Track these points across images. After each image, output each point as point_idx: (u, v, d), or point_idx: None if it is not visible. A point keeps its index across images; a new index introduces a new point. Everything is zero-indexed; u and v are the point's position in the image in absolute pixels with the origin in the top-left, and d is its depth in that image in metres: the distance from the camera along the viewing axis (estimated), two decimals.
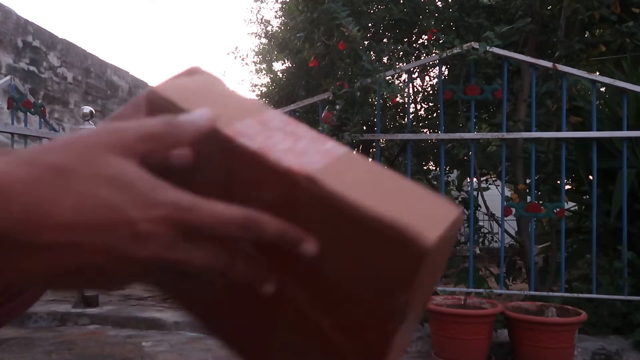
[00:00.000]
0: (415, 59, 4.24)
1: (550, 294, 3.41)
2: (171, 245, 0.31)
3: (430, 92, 5.00)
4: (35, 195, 0.28)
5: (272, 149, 0.34)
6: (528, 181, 3.67)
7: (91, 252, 0.30)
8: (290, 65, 5.94)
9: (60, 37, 6.68)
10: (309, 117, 5.23)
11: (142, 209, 0.30)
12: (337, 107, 3.47)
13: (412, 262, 0.30)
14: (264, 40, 7.33)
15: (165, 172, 0.33)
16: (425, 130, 4.56)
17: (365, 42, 3.78)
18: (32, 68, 6.09)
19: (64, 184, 0.29)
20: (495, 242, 4.57)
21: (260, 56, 7.97)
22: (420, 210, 0.32)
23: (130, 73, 8.43)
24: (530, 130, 3.42)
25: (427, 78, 5.17)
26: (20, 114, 4.36)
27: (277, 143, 0.34)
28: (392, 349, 0.34)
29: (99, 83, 7.48)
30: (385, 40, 4.23)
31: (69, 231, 0.29)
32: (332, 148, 0.35)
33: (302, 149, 0.34)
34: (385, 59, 3.63)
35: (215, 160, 0.35)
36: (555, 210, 3.26)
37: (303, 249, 0.33)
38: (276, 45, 5.89)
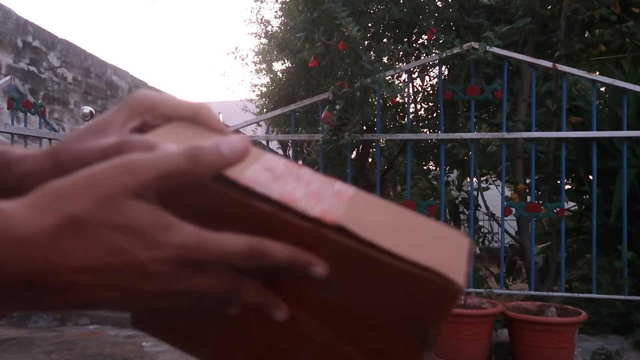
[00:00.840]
0: (415, 59, 4.23)
1: (550, 294, 3.41)
2: (178, 278, 0.34)
3: (430, 92, 5.00)
4: (54, 244, 0.32)
5: (293, 197, 0.35)
6: (528, 181, 3.66)
7: (103, 289, 0.34)
8: (290, 65, 5.94)
9: (60, 37, 6.68)
10: (309, 117, 5.23)
11: (150, 252, 0.33)
12: (337, 107, 3.47)
13: (446, 300, 0.32)
14: (264, 40, 7.32)
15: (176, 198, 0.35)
16: (425, 130, 4.56)
17: (365, 42, 3.78)
18: (32, 68, 6.09)
19: (79, 232, 0.32)
20: (495, 242, 4.57)
21: (260, 56, 7.96)
22: (441, 249, 0.34)
23: (130, 73, 8.43)
24: (530, 130, 3.42)
25: (427, 78, 5.17)
26: (20, 114, 4.36)
27: (294, 191, 0.35)
28: None
29: (99, 83, 7.48)
30: (385, 40, 4.22)
31: (82, 273, 0.33)
32: (342, 189, 0.37)
33: (317, 193, 0.35)
34: (385, 59, 3.63)
35: (228, 209, 0.36)
36: (555, 210, 3.26)
37: (313, 272, 0.34)
38: (276, 45, 5.89)
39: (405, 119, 3.99)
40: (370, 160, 4.98)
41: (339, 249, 0.33)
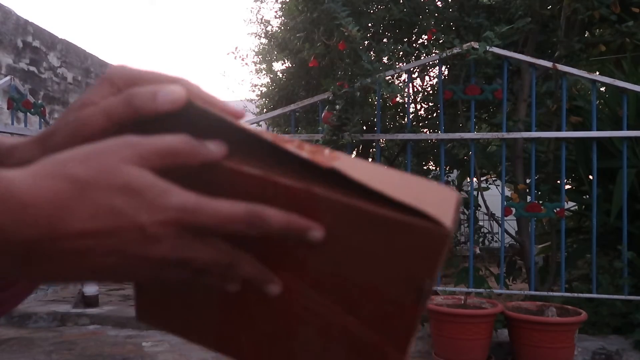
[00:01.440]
0: (415, 59, 4.23)
1: (550, 293, 3.41)
2: (179, 244, 0.34)
3: (430, 92, 5.00)
4: (57, 209, 0.32)
5: (283, 141, 0.35)
6: (528, 181, 3.66)
7: (105, 254, 0.33)
8: (290, 65, 5.93)
9: (60, 37, 6.68)
10: (309, 117, 5.23)
11: (150, 214, 0.33)
12: (337, 107, 3.47)
13: (437, 247, 0.31)
14: (264, 40, 7.32)
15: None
16: (425, 130, 4.56)
17: (365, 42, 3.78)
18: (32, 68, 6.09)
19: (81, 195, 0.33)
20: (495, 242, 4.57)
21: (260, 56, 7.96)
22: (429, 198, 0.33)
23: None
24: (530, 130, 3.42)
25: (427, 78, 5.17)
26: (20, 114, 4.36)
27: (285, 142, 0.36)
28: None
29: None
30: (385, 40, 4.23)
31: (84, 238, 0.33)
32: (333, 152, 0.36)
33: (309, 151, 0.35)
34: (385, 59, 3.63)
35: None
36: (555, 210, 3.26)
37: (310, 237, 0.34)
38: (276, 45, 5.88)
39: (405, 119, 4.00)
40: (370, 160, 4.98)
41: (331, 206, 0.33)
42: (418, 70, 4.68)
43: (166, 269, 0.35)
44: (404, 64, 3.92)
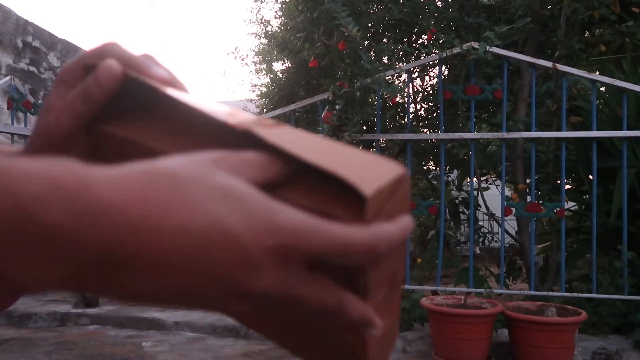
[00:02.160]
0: (415, 59, 4.23)
1: (551, 293, 3.41)
2: (283, 278, 0.28)
3: (430, 92, 5.00)
4: (145, 207, 0.26)
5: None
6: (528, 181, 3.66)
7: (193, 276, 0.27)
8: (290, 65, 5.94)
9: (60, 37, 6.68)
10: (309, 117, 5.23)
11: (255, 235, 0.27)
12: (337, 107, 3.47)
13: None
14: (264, 40, 7.32)
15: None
16: (425, 130, 4.56)
17: (365, 42, 3.78)
18: (32, 68, 6.09)
19: (175, 190, 0.27)
20: (495, 242, 4.57)
21: (260, 56, 7.96)
22: (359, 168, 0.30)
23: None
24: (530, 130, 3.42)
25: (427, 78, 5.18)
26: (20, 114, 4.36)
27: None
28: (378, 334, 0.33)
29: None
30: (385, 40, 4.23)
31: (176, 254, 0.27)
32: (276, 123, 0.35)
33: (250, 121, 0.34)
34: (385, 59, 3.63)
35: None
36: (555, 210, 3.26)
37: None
38: (276, 45, 5.88)
39: (405, 119, 4.00)
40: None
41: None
42: (418, 70, 4.68)
43: (260, 304, 0.29)
44: (404, 64, 3.92)
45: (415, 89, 5.01)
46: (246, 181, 0.29)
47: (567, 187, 4.13)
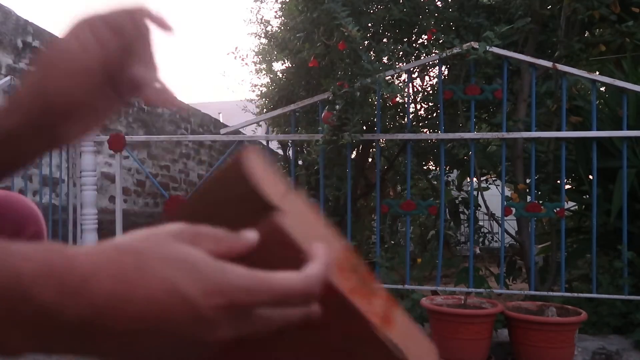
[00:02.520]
0: (415, 59, 4.23)
1: (551, 293, 3.41)
2: (235, 326, 0.33)
3: (430, 92, 5.00)
4: (116, 280, 0.31)
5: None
6: (528, 181, 3.66)
7: (158, 336, 0.32)
8: (290, 65, 5.93)
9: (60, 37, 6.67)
10: (308, 117, 5.22)
11: (207, 297, 0.32)
12: (337, 107, 3.47)
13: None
14: (264, 40, 7.31)
15: None
16: (425, 130, 4.56)
17: (365, 42, 3.77)
18: (32, 68, 6.09)
19: (138, 262, 0.32)
20: (495, 242, 4.57)
21: (260, 56, 7.95)
22: (416, 348, 0.46)
23: None
24: (530, 130, 3.42)
25: (427, 78, 5.17)
26: None
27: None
28: None
29: None
30: (385, 40, 4.22)
31: (139, 321, 0.31)
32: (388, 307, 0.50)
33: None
34: (385, 59, 3.63)
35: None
36: (555, 210, 3.26)
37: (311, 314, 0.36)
38: (276, 45, 5.87)
39: (405, 119, 3.99)
40: (370, 160, 4.98)
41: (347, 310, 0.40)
42: (418, 70, 4.68)
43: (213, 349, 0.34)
44: (404, 64, 3.92)
45: (415, 89, 5.01)
46: (200, 250, 0.34)
47: (567, 187, 4.13)
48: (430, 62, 3.86)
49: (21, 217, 0.83)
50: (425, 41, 4.03)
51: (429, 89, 5.12)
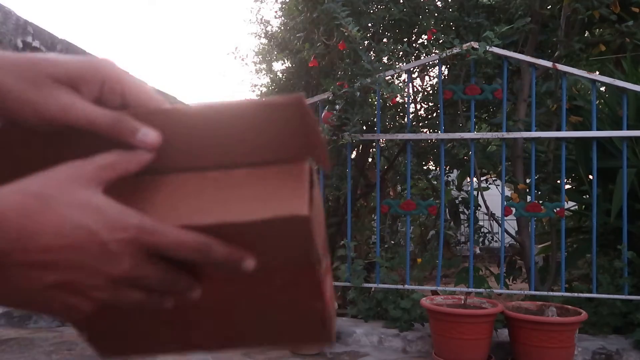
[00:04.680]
0: (415, 59, 4.23)
1: (551, 293, 3.41)
2: (135, 263, 0.36)
3: (430, 92, 5.00)
4: (25, 219, 0.34)
5: None
6: (528, 181, 3.66)
7: (68, 268, 0.35)
8: (290, 65, 5.93)
9: (60, 37, 6.68)
10: None
11: (111, 232, 0.35)
12: (337, 107, 3.47)
13: (303, 228, 0.38)
14: (263, 40, 7.31)
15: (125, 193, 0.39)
16: (425, 130, 4.56)
17: (365, 42, 3.77)
18: None
19: (46, 208, 0.35)
20: (495, 241, 4.57)
21: (260, 56, 7.96)
22: (276, 188, 0.39)
23: (130, 73, 8.42)
24: (530, 130, 3.42)
25: (427, 78, 5.17)
26: None
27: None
28: (326, 285, 0.44)
29: None
30: (385, 40, 4.22)
31: (49, 252, 0.34)
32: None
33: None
34: (385, 59, 3.63)
35: None
36: (555, 210, 3.26)
37: (244, 266, 0.38)
38: (276, 45, 5.88)
39: (405, 119, 4.00)
40: (370, 160, 4.98)
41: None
42: (418, 70, 4.68)
43: (120, 290, 0.37)
44: (404, 64, 3.92)
45: (415, 89, 5.01)
46: (101, 188, 0.37)
47: (567, 187, 4.13)
48: (430, 62, 3.86)
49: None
50: (425, 41, 4.03)
51: (429, 89, 5.12)
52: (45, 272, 0.35)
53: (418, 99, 4.97)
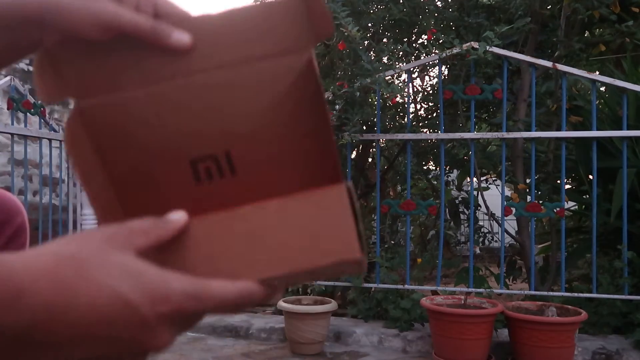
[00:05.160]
0: (415, 59, 4.23)
1: (551, 293, 3.41)
2: (175, 332, 0.34)
3: (430, 92, 5.00)
4: (55, 287, 0.30)
5: None
6: (528, 181, 3.66)
7: (101, 342, 0.32)
8: None
9: None
10: None
11: (152, 304, 0.32)
12: (337, 107, 3.47)
13: (357, 266, 0.40)
14: None
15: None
16: (425, 130, 4.56)
17: (365, 42, 3.77)
18: (32, 68, 6.07)
19: (79, 270, 0.31)
20: (495, 241, 4.57)
21: None
22: (326, 228, 0.40)
23: None
24: (530, 130, 3.42)
25: (427, 78, 5.17)
26: (20, 115, 4.35)
27: None
28: None
29: None
30: (385, 40, 4.22)
31: (80, 326, 0.31)
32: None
33: None
34: (385, 59, 3.63)
35: None
36: (555, 210, 3.26)
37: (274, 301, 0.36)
38: None
39: (405, 119, 4.00)
40: (370, 160, 4.98)
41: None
42: (418, 70, 4.68)
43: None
44: (404, 64, 3.92)
45: (415, 89, 5.01)
46: (136, 253, 0.34)
47: (567, 187, 4.13)
48: (430, 62, 3.86)
49: (8, 210, 0.84)
50: (425, 41, 4.03)
51: (429, 89, 5.12)
52: (80, 345, 0.31)
53: (418, 99, 4.97)
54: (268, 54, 0.44)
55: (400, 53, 4.23)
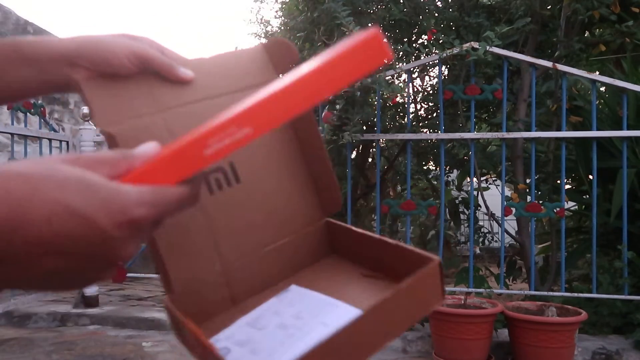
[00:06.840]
0: (415, 59, 4.23)
1: (551, 293, 3.41)
2: (139, 242, 0.34)
3: (430, 92, 5.00)
4: (6, 204, 0.29)
5: None
6: (528, 181, 3.66)
7: (66, 255, 0.31)
8: None
9: (60, 37, 6.67)
10: None
11: (109, 216, 0.32)
12: (337, 107, 3.47)
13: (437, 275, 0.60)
14: (264, 41, 7.32)
15: None
16: (425, 130, 4.56)
17: None
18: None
19: (34, 192, 0.30)
20: (495, 241, 4.57)
21: None
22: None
23: None
24: (530, 130, 3.42)
25: (427, 78, 5.17)
26: (20, 115, 4.35)
27: None
28: None
29: None
30: (385, 40, 4.22)
31: (42, 243, 0.30)
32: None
33: None
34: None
35: None
36: (555, 210, 3.26)
37: None
38: None
39: (405, 119, 4.00)
40: (370, 160, 4.98)
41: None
42: (418, 70, 4.68)
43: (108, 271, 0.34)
44: (404, 64, 3.92)
45: (415, 89, 5.01)
46: (96, 173, 0.33)
47: (567, 187, 4.13)
48: (430, 62, 3.86)
49: None
50: (425, 41, 4.02)
51: (429, 89, 5.12)
52: (40, 261, 0.31)
53: (418, 99, 4.97)
54: (251, 85, 0.60)
55: (401, 53, 4.23)
